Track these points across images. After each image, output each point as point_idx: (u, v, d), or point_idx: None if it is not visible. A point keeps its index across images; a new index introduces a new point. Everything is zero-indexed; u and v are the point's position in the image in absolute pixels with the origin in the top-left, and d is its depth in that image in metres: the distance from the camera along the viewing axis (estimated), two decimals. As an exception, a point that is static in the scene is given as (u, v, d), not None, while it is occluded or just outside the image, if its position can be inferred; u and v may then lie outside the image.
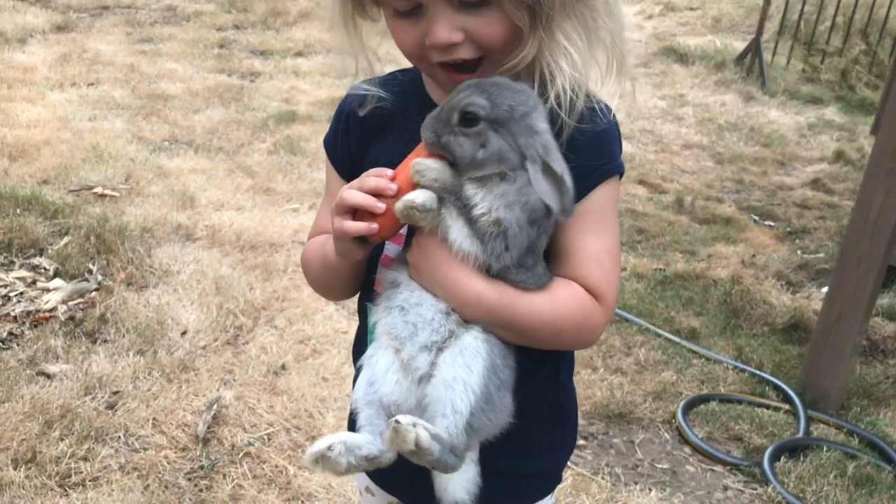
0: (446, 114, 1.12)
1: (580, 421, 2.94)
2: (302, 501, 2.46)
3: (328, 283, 1.35)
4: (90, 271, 3.52)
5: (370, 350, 1.22)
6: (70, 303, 3.29)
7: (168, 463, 2.56)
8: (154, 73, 6.69)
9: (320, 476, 2.54)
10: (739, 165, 6.09)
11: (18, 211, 3.88)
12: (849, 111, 7.57)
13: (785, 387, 3.18)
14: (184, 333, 3.21)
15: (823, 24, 8.56)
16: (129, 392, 2.83)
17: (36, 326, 3.14)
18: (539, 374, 1.29)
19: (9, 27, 7.32)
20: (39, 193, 4.13)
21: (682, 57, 8.68)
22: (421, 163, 1.10)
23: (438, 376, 1.14)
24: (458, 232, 1.12)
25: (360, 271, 1.29)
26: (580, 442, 2.89)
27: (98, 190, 4.40)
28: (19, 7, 8.06)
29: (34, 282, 3.41)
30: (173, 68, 6.87)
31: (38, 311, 3.22)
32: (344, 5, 1.22)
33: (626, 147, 6.24)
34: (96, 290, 3.41)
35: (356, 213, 1.13)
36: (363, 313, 1.33)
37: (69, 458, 2.50)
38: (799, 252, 4.61)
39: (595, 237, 1.19)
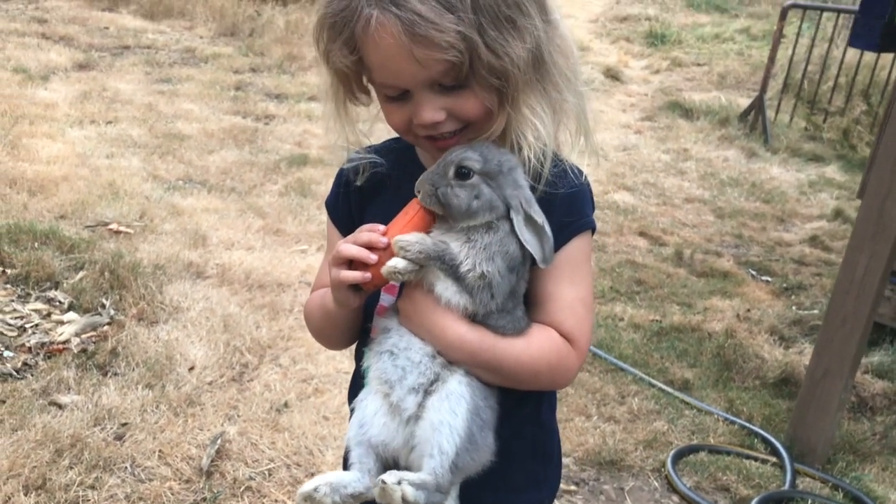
0: (442, 169, 1.26)
1: (572, 466, 3.04)
2: (299, 535, 2.55)
3: (328, 332, 1.47)
4: (103, 306, 3.65)
5: (362, 394, 1.34)
6: (83, 336, 3.41)
7: (172, 494, 2.65)
8: (171, 113, 6.88)
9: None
10: (739, 220, 6.22)
11: (36, 245, 4.01)
12: (849, 170, 7.71)
13: (773, 439, 3.27)
14: (191, 369, 3.32)
15: (826, 83, 8.77)
16: (137, 424, 2.94)
17: (49, 358, 3.26)
18: (520, 414, 1.40)
19: (33, 64, 7.53)
20: (57, 228, 4.27)
21: (687, 112, 8.87)
22: (402, 239, 1.22)
23: (426, 419, 1.25)
24: (443, 288, 1.25)
25: (357, 320, 1.41)
26: (571, 487, 2.97)
27: (113, 226, 4.54)
28: (43, 45, 8.30)
29: (49, 314, 3.54)
30: (190, 109, 7.05)
31: (52, 342, 3.34)
32: (336, 92, 1.36)
33: (629, 199, 6.40)
34: (108, 324, 3.53)
35: (352, 263, 1.25)
36: (359, 358, 1.45)
37: (77, 486, 2.60)
38: (794, 308, 4.71)
39: (569, 286, 1.32)
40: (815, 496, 2.99)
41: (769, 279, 5.17)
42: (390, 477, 1.19)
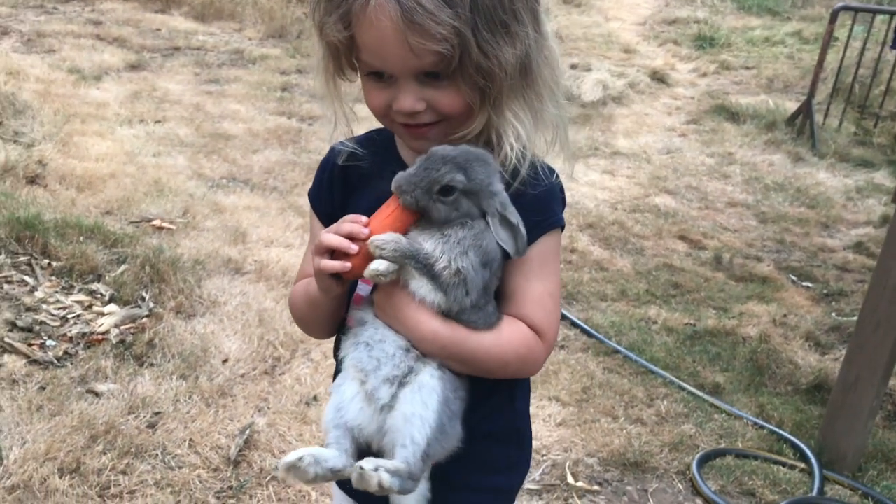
0: (427, 183, 1.29)
1: (596, 467, 3.06)
2: (321, 525, 2.61)
3: (311, 320, 1.51)
4: (143, 298, 3.75)
5: (339, 379, 1.39)
6: (122, 327, 3.52)
7: (200, 482, 2.73)
8: (218, 113, 7.02)
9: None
10: (782, 225, 6.13)
11: (81, 239, 4.13)
12: (900, 176, 7.56)
13: (802, 445, 3.23)
14: (225, 361, 3.40)
15: (878, 87, 8.58)
16: (170, 413, 3.03)
17: (89, 347, 3.37)
18: (494, 399, 1.46)
19: (86, 65, 7.75)
20: (102, 223, 4.39)
21: (733, 115, 8.76)
22: (377, 239, 1.26)
23: (399, 410, 1.31)
24: (418, 285, 1.30)
25: (339, 309, 1.46)
26: (594, 487, 2.98)
27: (157, 222, 4.66)
28: (98, 46, 8.53)
29: (90, 306, 3.65)
30: (237, 109, 7.19)
31: (92, 333, 3.44)
32: (327, 65, 1.40)
33: (670, 202, 6.36)
34: (147, 316, 3.63)
35: (333, 253, 1.30)
36: (338, 349, 1.50)
37: (110, 470, 2.69)
38: (833, 314, 4.64)
39: (538, 282, 1.37)
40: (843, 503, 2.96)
41: (809, 285, 5.10)
42: (368, 463, 1.25)
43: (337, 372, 1.52)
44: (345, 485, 1.56)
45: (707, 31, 12.24)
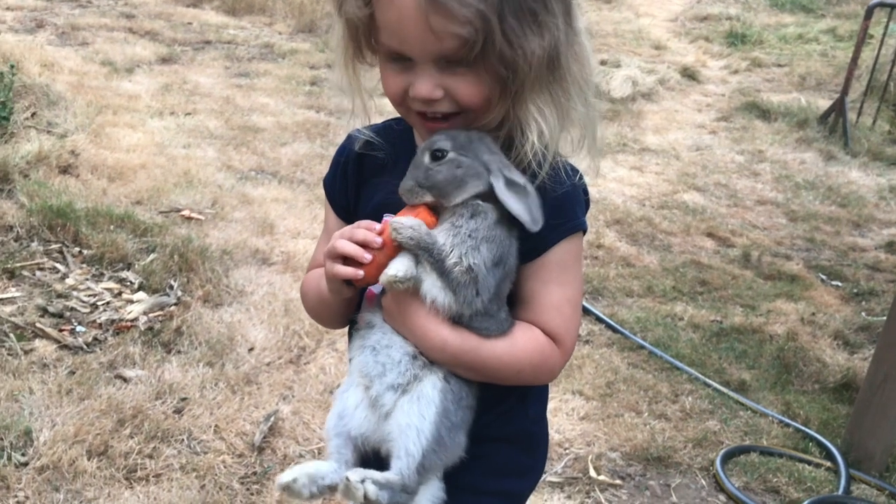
0: (418, 159, 1.28)
1: (619, 461, 3.05)
2: (343, 512, 2.63)
3: (322, 314, 1.49)
4: (171, 287, 3.80)
5: (343, 385, 1.38)
6: (150, 314, 3.56)
7: (225, 467, 2.76)
8: (247, 107, 7.07)
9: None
10: (812, 224, 6.06)
11: (112, 227, 4.19)
12: (935, 175, 7.44)
13: (828, 444, 3.20)
14: (251, 350, 3.43)
15: (913, 86, 8.46)
16: (196, 399, 3.06)
17: (118, 334, 3.41)
18: (506, 403, 1.42)
19: (119, 58, 7.84)
20: (132, 213, 4.45)
21: (764, 113, 8.66)
22: (397, 221, 1.23)
23: (395, 419, 1.29)
24: (430, 285, 1.26)
25: (350, 306, 1.43)
26: (616, 481, 2.97)
27: (186, 213, 4.71)
28: (130, 39, 8.63)
29: (120, 293, 3.70)
30: (266, 102, 7.24)
31: (121, 320, 3.49)
32: (346, 49, 1.36)
33: (699, 199, 6.31)
34: (175, 304, 3.67)
35: (346, 258, 1.27)
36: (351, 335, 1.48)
37: (137, 454, 2.74)
38: (863, 314, 4.58)
39: (556, 287, 1.33)
40: (870, 503, 2.92)
41: (839, 284, 5.04)
42: (354, 475, 1.23)
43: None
44: None
45: (739, 28, 12.12)
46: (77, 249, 3.99)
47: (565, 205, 1.32)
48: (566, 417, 3.28)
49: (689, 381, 3.66)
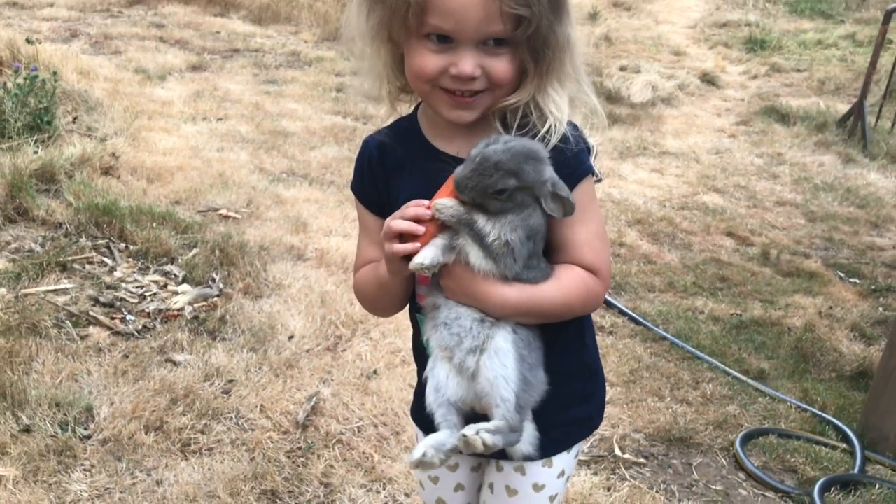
0: (482, 188, 1.39)
1: (643, 441, 3.20)
2: (384, 483, 2.80)
3: (383, 302, 1.63)
4: (213, 280, 3.98)
5: (430, 363, 1.54)
6: (195, 305, 3.75)
7: (272, 442, 2.94)
8: (277, 112, 7.28)
9: (401, 466, 2.87)
10: (831, 224, 6.17)
11: (154, 225, 4.39)
12: (953, 177, 7.52)
13: (844, 427, 3.33)
14: (291, 337, 3.61)
15: (931, 89, 8.55)
16: (242, 382, 3.24)
17: (166, 322, 3.60)
18: (563, 339, 1.59)
19: (151, 66, 8.08)
20: (173, 211, 4.65)
21: (783, 117, 8.78)
22: (440, 202, 1.40)
23: (483, 376, 1.46)
24: (475, 256, 1.43)
25: (408, 288, 1.58)
26: (641, 460, 3.12)
27: (223, 212, 4.90)
28: (161, 48, 8.88)
29: (166, 285, 3.90)
30: (294, 108, 7.45)
31: (168, 309, 3.69)
32: (380, 30, 1.47)
33: (718, 200, 6.45)
34: (218, 296, 3.86)
35: (402, 237, 1.42)
36: (414, 321, 1.65)
37: (190, 430, 2.92)
38: (880, 309, 4.70)
39: (581, 226, 1.50)
40: (884, 481, 3.05)
41: (857, 281, 5.15)
42: (469, 430, 1.41)
43: (416, 344, 1.68)
44: (429, 427, 1.74)
45: (758, 33, 12.24)
46: (123, 245, 4.19)
47: (571, 158, 1.49)
48: (592, 402, 3.43)
49: (709, 369, 3.80)
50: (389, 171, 1.60)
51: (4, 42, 6.96)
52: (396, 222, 1.42)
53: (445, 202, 1.40)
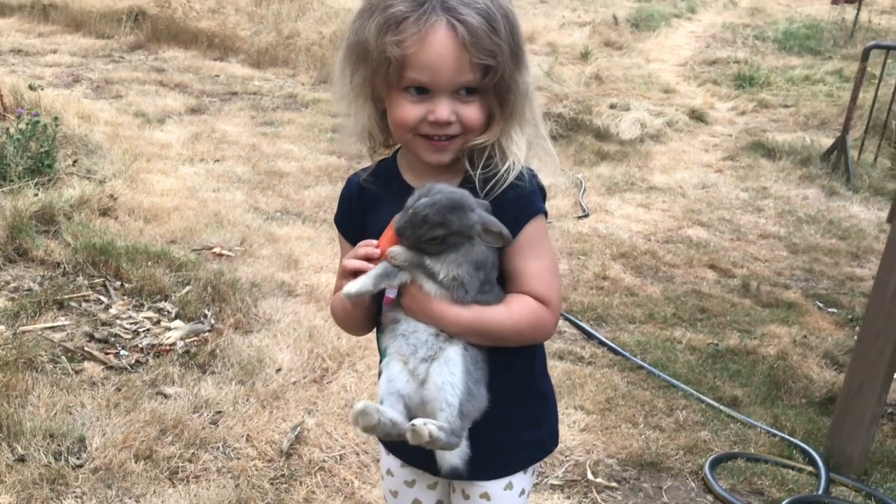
0: (416, 236, 1.56)
1: (615, 466, 3.32)
2: (362, 507, 2.93)
3: (350, 325, 1.80)
4: (205, 315, 4.14)
5: (386, 360, 1.69)
6: (187, 340, 3.90)
7: (256, 470, 3.07)
8: (273, 153, 7.48)
9: (379, 491, 3.00)
10: (812, 256, 6.31)
11: (149, 263, 4.55)
12: (934, 209, 7.66)
13: (810, 449, 3.45)
14: (278, 370, 3.75)
15: (912, 123, 8.74)
16: (230, 412, 3.38)
17: (158, 357, 3.75)
18: (515, 366, 1.74)
19: (151, 109, 8.32)
20: (168, 250, 4.81)
21: (769, 152, 8.96)
22: (393, 250, 1.58)
23: (431, 381, 1.61)
24: (430, 287, 1.60)
25: (371, 313, 1.74)
26: (612, 484, 3.24)
27: (217, 250, 5.07)
28: (161, 91, 9.13)
29: (159, 321, 4.05)
30: (290, 149, 7.65)
31: (160, 344, 3.83)
32: (364, 88, 1.65)
33: (703, 234, 6.60)
34: (209, 331, 4.01)
35: (356, 273, 1.60)
36: (379, 341, 1.79)
37: (178, 458, 3.05)
38: (855, 337, 4.82)
39: (532, 260, 1.65)
40: (846, 502, 3.17)
41: (835, 310, 5.29)
42: (418, 421, 1.54)
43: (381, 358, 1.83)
44: (403, 454, 1.88)
45: (747, 70, 12.50)
46: (118, 283, 4.35)
47: (527, 197, 1.66)
48: (568, 429, 3.56)
49: (684, 397, 3.93)
50: (367, 206, 1.78)
51: (8, 88, 7.22)
52: (350, 262, 1.62)
53: (398, 250, 1.58)
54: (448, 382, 1.59)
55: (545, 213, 1.70)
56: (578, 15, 16.80)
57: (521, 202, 1.65)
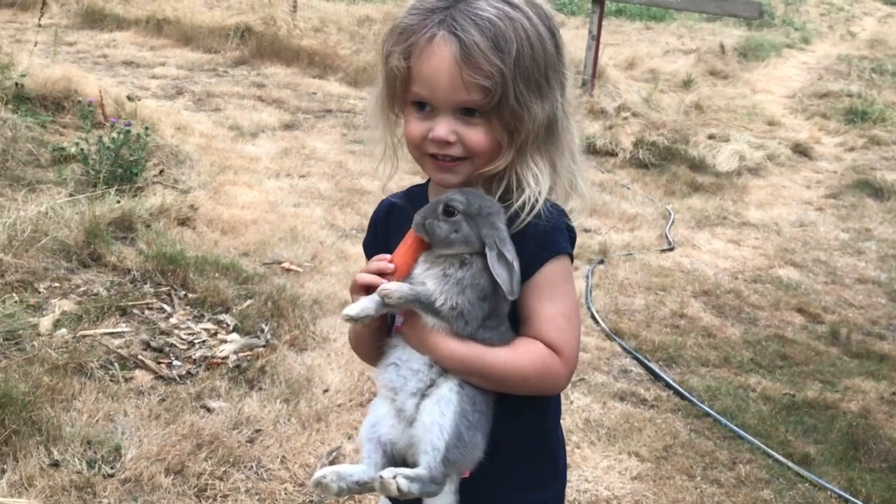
0: (433, 205, 1.52)
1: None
2: (386, 542, 2.82)
3: (362, 349, 1.70)
4: (262, 330, 4.14)
5: (375, 399, 1.60)
6: (240, 354, 3.90)
7: (286, 494, 3.01)
8: (357, 171, 7.50)
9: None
10: (915, 305, 5.90)
11: (216, 275, 4.59)
12: None
13: (883, 521, 3.16)
14: (326, 391, 3.70)
15: None
16: (269, 431, 3.35)
17: (209, 369, 3.76)
18: (525, 417, 1.60)
19: (246, 123, 8.50)
20: (237, 263, 4.85)
21: (877, 191, 8.46)
22: (384, 287, 1.47)
23: (420, 420, 1.50)
24: (428, 318, 1.50)
25: (381, 340, 1.63)
26: (659, 539, 3.04)
27: (286, 265, 5.09)
28: (258, 106, 9.33)
29: (216, 333, 4.07)
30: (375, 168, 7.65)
31: (213, 357, 3.85)
32: (385, 95, 1.63)
33: (794, 274, 6.25)
34: (264, 346, 4.00)
35: (368, 289, 1.51)
36: None
37: (209, 475, 3.03)
38: (953, 397, 4.44)
39: (549, 303, 1.53)
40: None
41: (933, 367, 4.89)
42: (387, 473, 1.44)
43: None
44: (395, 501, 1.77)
45: (860, 104, 11.88)
46: (183, 293, 4.41)
47: (549, 234, 1.54)
48: (618, 476, 3.37)
49: (750, 450, 3.67)
50: (391, 228, 1.72)
51: (113, 97, 7.49)
52: (361, 276, 1.53)
53: (391, 287, 1.48)
54: (437, 423, 1.47)
55: (570, 256, 1.58)
56: (683, 42, 16.39)
57: (545, 238, 1.54)
